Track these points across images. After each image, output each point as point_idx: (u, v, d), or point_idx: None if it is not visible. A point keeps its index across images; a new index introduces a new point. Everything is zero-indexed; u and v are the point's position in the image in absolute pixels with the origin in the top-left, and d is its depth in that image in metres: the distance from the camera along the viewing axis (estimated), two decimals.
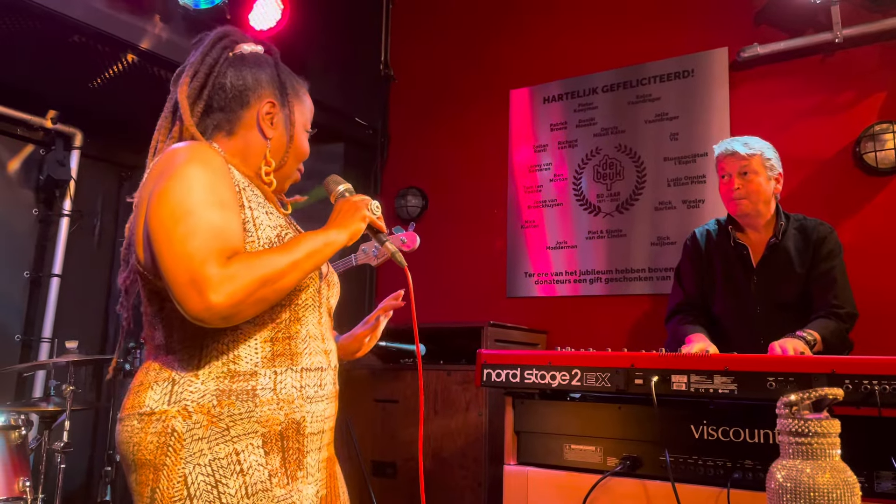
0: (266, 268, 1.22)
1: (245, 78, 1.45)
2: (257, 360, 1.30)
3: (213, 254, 1.19)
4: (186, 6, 3.16)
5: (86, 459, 3.65)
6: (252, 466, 1.25)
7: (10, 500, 2.28)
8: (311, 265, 1.31)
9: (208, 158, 1.31)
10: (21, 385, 3.49)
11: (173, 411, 1.25)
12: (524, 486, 2.13)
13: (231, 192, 1.31)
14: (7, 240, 3.52)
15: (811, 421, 1.09)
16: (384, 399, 3.44)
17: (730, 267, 2.59)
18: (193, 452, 1.23)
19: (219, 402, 1.25)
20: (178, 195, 1.24)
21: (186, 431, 1.24)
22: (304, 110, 1.55)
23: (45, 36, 2.94)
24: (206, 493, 1.22)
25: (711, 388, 1.84)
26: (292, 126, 1.49)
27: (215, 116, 1.45)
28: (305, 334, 1.38)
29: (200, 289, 1.16)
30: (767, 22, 3.39)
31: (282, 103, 1.49)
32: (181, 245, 1.19)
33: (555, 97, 3.96)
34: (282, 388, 1.31)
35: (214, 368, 1.28)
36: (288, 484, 1.29)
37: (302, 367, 1.35)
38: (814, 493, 1.03)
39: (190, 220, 1.21)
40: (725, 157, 2.54)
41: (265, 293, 1.22)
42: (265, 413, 1.28)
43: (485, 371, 2.19)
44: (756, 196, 2.49)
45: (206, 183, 1.26)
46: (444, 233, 4.14)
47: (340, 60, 4.13)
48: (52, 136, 3.62)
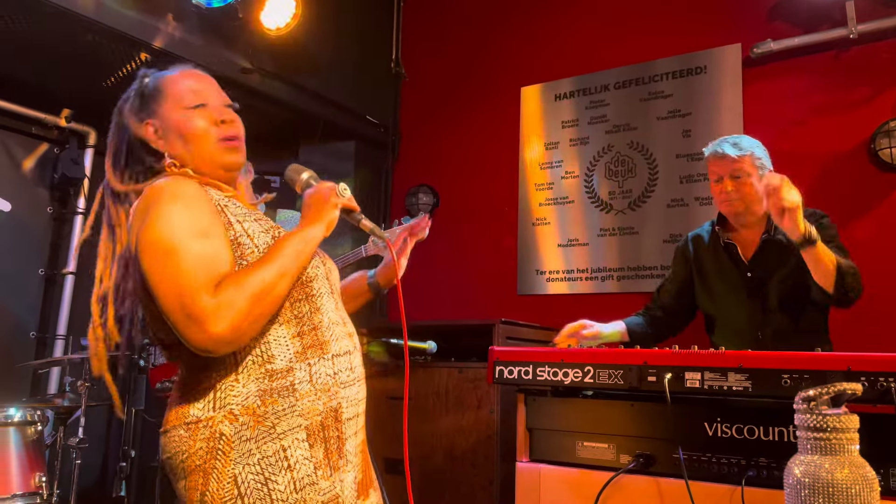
0: (256, 285, 1.25)
1: (127, 124, 1.47)
2: (290, 356, 1.34)
3: (202, 286, 1.22)
4: (199, 5, 3.18)
5: (100, 455, 3.68)
6: (298, 461, 1.28)
7: (27, 496, 2.30)
8: (297, 267, 1.34)
9: (182, 190, 1.32)
10: (36, 382, 3.52)
11: (220, 416, 1.28)
12: (536, 483, 2.12)
13: (211, 217, 1.33)
14: (22, 238, 3.55)
15: (830, 416, 1.09)
16: (396, 397, 3.44)
17: (722, 267, 2.58)
18: (242, 453, 1.26)
19: (262, 401, 1.29)
20: (160, 234, 1.27)
21: (234, 434, 1.27)
22: (172, 94, 1.47)
23: (60, 35, 2.96)
24: (257, 491, 1.25)
25: (725, 386, 1.82)
26: (167, 119, 1.45)
27: (140, 169, 1.46)
28: (328, 321, 1.41)
29: (199, 322, 1.20)
30: (781, 18, 3.37)
31: (155, 115, 1.46)
32: (171, 284, 1.23)
33: (566, 94, 3.95)
34: (317, 378, 1.35)
35: (252, 371, 1.32)
36: (331, 475, 1.33)
37: (333, 353, 1.39)
38: (832, 489, 1.02)
39: (175, 258, 1.25)
40: (716, 161, 2.50)
41: (262, 309, 1.27)
42: (306, 405, 1.32)
43: (497, 368, 2.18)
44: (750, 197, 2.46)
45: (185, 216, 1.29)
46: (454, 230, 4.14)
47: (352, 59, 4.14)
48: (66, 135, 3.66)
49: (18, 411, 2.39)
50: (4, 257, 3.46)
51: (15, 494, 2.26)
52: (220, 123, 1.47)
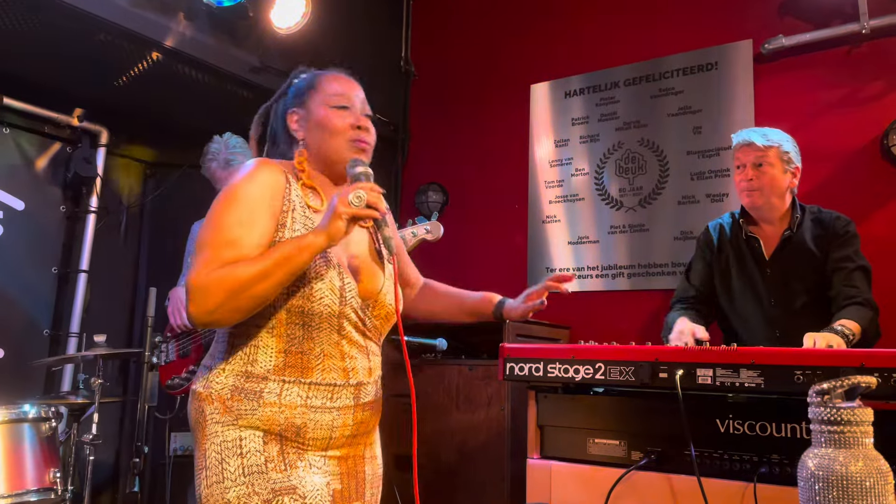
0: (233, 281, 1.34)
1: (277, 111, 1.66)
2: (270, 367, 1.45)
3: (207, 265, 1.36)
4: (210, 4, 3.19)
5: (113, 452, 3.71)
6: (251, 451, 1.41)
7: (42, 491, 2.32)
8: (284, 273, 1.37)
9: (261, 177, 1.47)
10: (50, 379, 3.55)
11: (204, 395, 1.47)
12: (547, 479, 2.12)
13: (267, 212, 1.45)
14: (35, 236, 3.58)
15: (844, 409, 1.08)
16: (403, 394, 3.44)
17: (742, 260, 2.55)
18: (212, 432, 1.43)
19: (231, 396, 1.44)
20: (217, 208, 1.44)
21: (209, 414, 1.44)
22: (322, 90, 1.61)
23: (72, 35, 2.98)
24: (214, 467, 1.41)
25: (737, 382, 1.82)
26: (313, 113, 1.59)
27: (282, 148, 1.63)
28: (320, 352, 1.47)
29: (187, 297, 1.37)
30: (792, 13, 3.35)
31: (301, 105, 1.61)
32: (197, 253, 1.41)
33: (576, 91, 3.94)
34: (287, 396, 1.44)
35: (237, 366, 1.46)
36: (286, 470, 1.41)
37: (311, 381, 1.46)
38: (846, 482, 1.01)
39: (210, 233, 1.41)
40: (742, 147, 2.48)
41: (238, 303, 1.35)
42: (266, 413, 1.42)
43: (507, 365, 2.18)
44: (769, 189, 2.44)
45: (243, 201, 1.43)
46: (464, 228, 4.14)
47: (361, 57, 4.14)
48: (78, 134, 3.68)
49: (33, 408, 2.41)
50: (18, 256, 3.49)
51: (29, 490, 2.28)
52: (356, 128, 1.59)
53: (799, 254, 2.46)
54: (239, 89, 3.49)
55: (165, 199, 4.05)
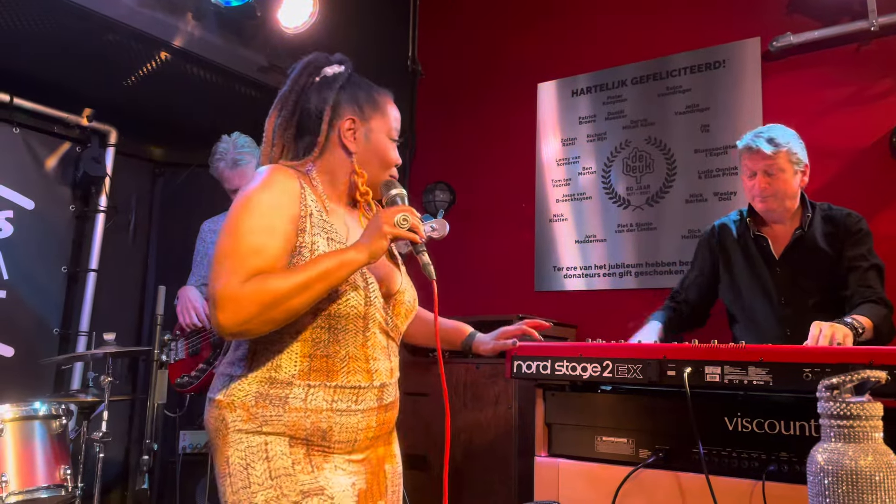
0: (271, 293, 1.33)
1: (326, 101, 1.57)
2: (294, 373, 1.44)
3: (235, 274, 1.34)
4: (218, 4, 3.20)
5: (122, 450, 3.74)
6: (277, 455, 1.41)
7: (52, 488, 2.34)
8: (323, 287, 1.38)
9: (277, 184, 1.45)
10: (59, 377, 3.57)
11: (225, 402, 1.45)
12: (555, 477, 2.12)
13: (286, 218, 1.43)
14: (45, 236, 3.60)
15: (853, 404, 1.08)
16: (414, 392, 3.45)
17: (751, 259, 2.54)
18: (235, 439, 1.42)
19: (256, 402, 1.43)
20: (235, 216, 1.42)
21: (231, 422, 1.43)
22: (387, 120, 1.62)
23: (81, 35, 3.00)
24: (239, 472, 1.40)
25: (746, 380, 1.81)
26: (374, 136, 1.58)
27: (306, 139, 1.59)
28: (345, 355, 1.47)
29: (214, 305, 1.34)
30: (801, 11, 3.33)
31: (362, 118, 1.58)
32: (218, 263, 1.38)
33: (583, 90, 3.94)
34: (312, 400, 1.44)
35: (260, 373, 1.45)
36: (313, 472, 1.42)
37: (336, 384, 1.46)
38: (856, 476, 1.01)
39: (232, 241, 1.39)
40: (750, 155, 2.44)
41: (272, 315, 1.34)
42: (292, 419, 1.42)
43: (515, 363, 2.18)
44: (783, 193, 2.42)
45: (263, 208, 1.42)
46: (471, 227, 4.14)
47: (368, 56, 4.13)
48: (87, 134, 3.71)
49: (43, 405, 2.43)
50: (28, 255, 3.52)
51: (40, 486, 2.31)
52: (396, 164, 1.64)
53: (810, 252, 2.44)
54: (247, 89, 3.51)
55: (174, 198, 4.07)
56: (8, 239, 3.45)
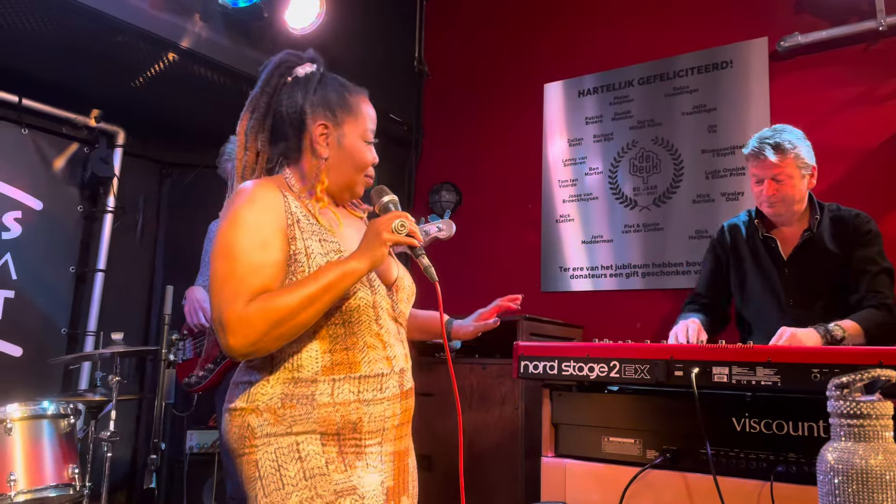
0: (278, 311, 1.35)
1: (297, 104, 1.56)
2: (317, 369, 1.45)
3: (238, 297, 1.36)
4: (225, 5, 3.21)
5: (130, 449, 3.75)
6: (310, 454, 1.40)
7: (61, 487, 2.35)
8: (328, 298, 1.40)
9: (259, 199, 1.45)
10: (67, 377, 3.59)
11: (249, 409, 1.44)
12: (562, 478, 2.12)
13: (276, 231, 1.45)
14: (54, 236, 3.61)
15: (863, 403, 1.08)
16: (420, 393, 3.45)
17: (760, 260, 2.53)
18: (264, 441, 1.42)
19: (283, 404, 1.42)
20: (226, 238, 1.42)
21: (258, 427, 1.42)
22: (361, 121, 1.61)
23: (90, 36, 3.01)
24: (271, 475, 1.40)
25: (753, 380, 1.81)
26: (347, 141, 1.57)
27: (280, 146, 1.59)
28: (363, 345, 1.49)
29: (222, 329, 1.36)
30: (808, 10, 3.32)
31: (334, 123, 1.57)
32: (219, 287, 1.39)
33: (590, 91, 3.94)
34: (339, 394, 1.44)
35: (282, 375, 1.45)
36: (346, 471, 1.42)
37: (360, 374, 1.47)
38: (866, 475, 1.01)
39: (229, 264, 1.39)
40: (758, 163, 2.42)
41: (282, 331, 1.37)
42: (322, 414, 1.42)
43: (522, 363, 2.19)
44: (791, 198, 2.42)
45: (252, 226, 1.42)
46: (478, 228, 4.15)
47: (375, 57, 4.16)
48: (95, 135, 3.71)
49: (52, 404, 2.44)
50: (36, 255, 3.53)
51: (48, 485, 2.32)
52: (372, 164, 1.63)
53: (819, 254, 2.44)
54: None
55: (181, 199, 4.08)
56: (16, 239, 3.47)
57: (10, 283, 3.42)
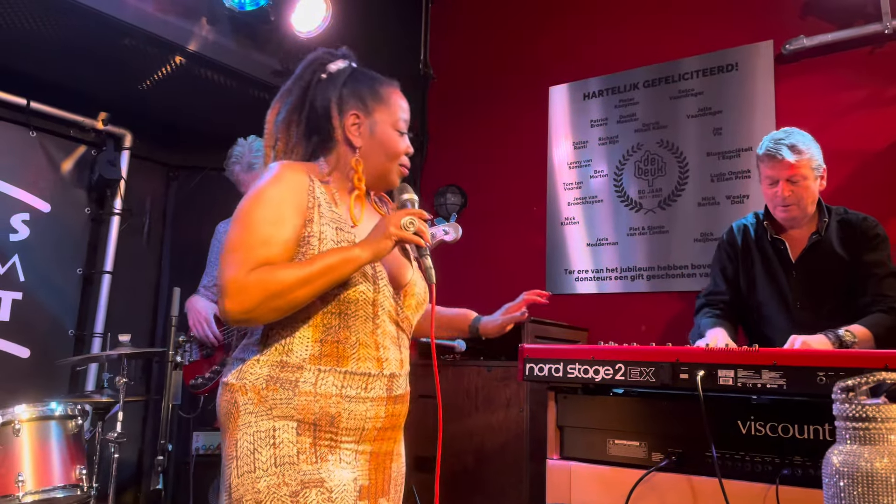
0: (276, 284, 1.39)
1: (331, 98, 1.59)
2: (305, 357, 1.47)
3: (243, 265, 1.40)
4: (232, 8, 3.23)
5: (136, 451, 3.76)
6: (283, 442, 1.43)
7: (68, 488, 2.37)
8: (326, 281, 1.43)
9: (285, 178, 1.50)
10: (74, 379, 3.60)
11: (237, 386, 1.48)
12: (567, 480, 2.12)
13: (294, 210, 1.48)
14: (61, 238, 3.64)
15: (869, 406, 1.08)
16: (425, 395, 3.45)
17: (768, 262, 2.54)
18: (245, 422, 1.45)
19: (267, 385, 1.45)
20: (245, 209, 1.47)
21: (242, 405, 1.46)
22: (392, 111, 1.63)
23: (98, 39, 3.03)
24: (246, 456, 1.43)
25: (759, 383, 1.81)
26: (379, 129, 1.60)
27: (314, 139, 1.62)
28: (355, 341, 1.50)
29: (222, 293, 1.40)
30: (814, 13, 3.32)
31: (365, 112, 1.60)
32: (227, 252, 1.44)
33: (595, 93, 3.94)
34: (322, 385, 1.46)
35: (271, 356, 1.48)
36: (316, 462, 1.43)
37: (347, 370, 1.48)
38: (871, 478, 1.01)
39: (241, 233, 1.44)
40: (773, 164, 2.41)
41: (277, 304, 1.40)
42: (302, 402, 1.44)
43: (527, 365, 2.19)
44: (805, 200, 2.42)
45: (272, 201, 1.46)
46: (483, 230, 4.15)
47: (380, 60, 4.13)
48: (103, 137, 3.74)
49: (59, 405, 2.45)
50: (44, 257, 3.55)
51: (56, 486, 2.33)
52: (406, 154, 1.65)
53: (827, 257, 2.44)
54: (260, 92, 3.53)
55: (188, 201, 4.10)
56: (24, 241, 3.49)
57: (18, 284, 3.45)
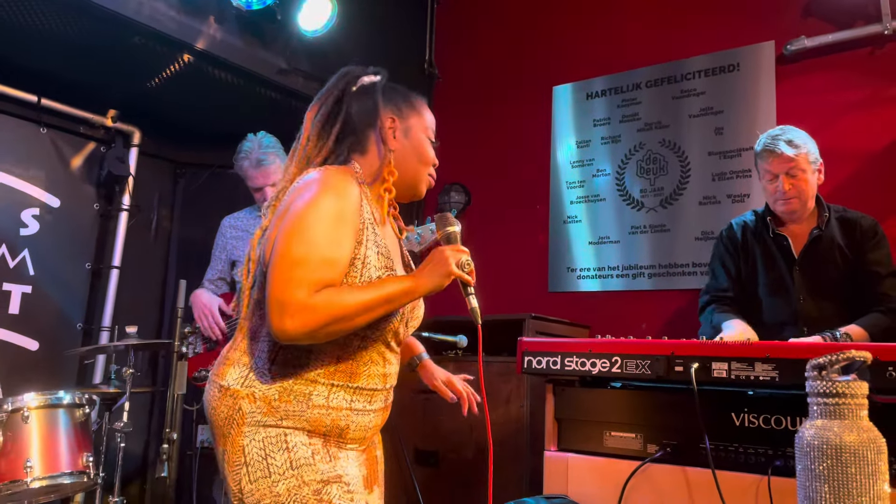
0: (342, 308, 1.38)
1: (367, 105, 1.63)
2: (320, 371, 1.48)
3: (308, 284, 1.36)
4: (240, 7, 3.28)
5: (142, 442, 3.81)
6: (297, 445, 1.44)
7: (75, 474, 2.41)
8: (385, 309, 1.45)
9: (346, 191, 1.47)
10: (82, 371, 3.65)
11: (243, 393, 1.46)
12: (564, 471, 2.16)
13: (352, 231, 1.47)
14: (71, 233, 3.69)
15: (839, 382, 1.11)
16: (426, 390, 3.48)
17: (770, 258, 2.56)
18: (252, 429, 1.44)
19: (279, 396, 1.45)
20: (307, 222, 1.42)
21: (249, 413, 1.45)
22: (423, 119, 1.69)
23: (108, 37, 3.08)
24: (258, 463, 1.42)
25: (752, 376, 1.84)
26: (413, 133, 1.65)
27: (348, 140, 1.62)
28: (368, 359, 1.54)
29: (283, 311, 1.35)
30: (815, 14, 3.34)
31: (400, 117, 1.64)
32: (287, 267, 1.38)
33: (598, 93, 3.97)
34: (333, 399, 1.48)
35: (285, 368, 1.47)
36: (331, 461, 1.47)
37: (357, 386, 1.52)
38: (840, 451, 1.04)
39: (304, 248, 1.39)
40: (772, 159, 2.46)
41: (337, 328, 1.40)
42: (314, 415, 1.46)
43: (525, 358, 2.23)
44: (805, 194, 2.46)
45: (335, 219, 1.44)
46: (486, 228, 4.18)
47: (386, 60, 4.16)
48: (112, 135, 3.79)
49: (67, 394, 2.50)
50: (54, 252, 3.60)
51: (63, 472, 2.38)
52: (434, 164, 1.72)
53: (828, 251, 2.47)
54: (266, 91, 3.57)
55: (194, 198, 4.15)
56: (34, 236, 3.54)
57: (28, 278, 3.50)
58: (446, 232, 1.63)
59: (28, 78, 3.43)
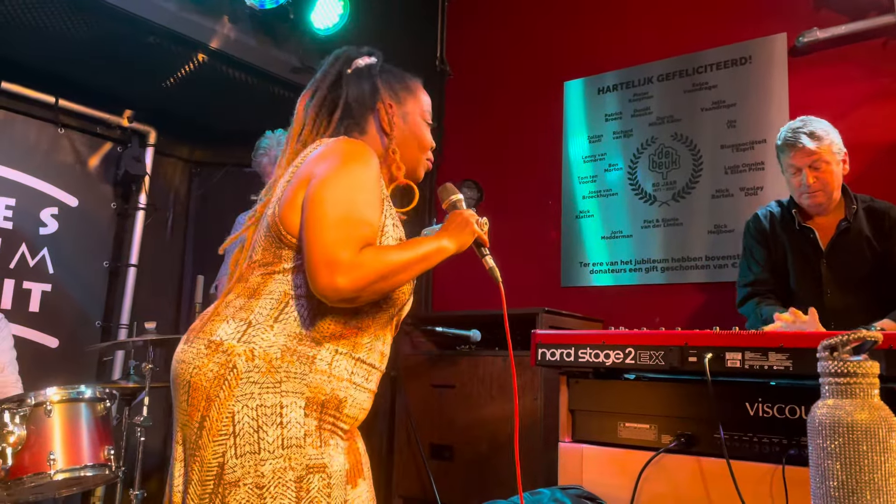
0: (387, 265, 1.36)
1: (364, 88, 1.63)
2: (326, 335, 1.42)
3: (352, 242, 1.33)
4: (253, 6, 3.31)
5: (161, 438, 3.86)
6: (291, 422, 1.34)
7: (97, 467, 2.45)
8: (421, 268, 1.44)
9: (371, 159, 1.47)
10: (101, 368, 3.71)
11: (240, 349, 1.36)
12: (579, 462, 2.17)
13: (380, 198, 1.48)
14: (88, 232, 3.75)
15: (850, 362, 1.12)
16: (441, 384, 3.51)
17: (797, 250, 2.53)
18: (245, 393, 1.34)
19: (282, 355, 1.36)
20: (343, 187, 1.39)
21: (245, 371, 1.34)
22: (420, 103, 1.70)
23: (124, 38, 3.12)
24: (249, 436, 1.32)
25: (766, 365, 1.84)
26: (410, 118, 1.65)
27: (346, 122, 1.62)
28: (372, 334, 1.50)
29: (332, 270, 1.30)
30: (827, 6, 3.33)
31: (397, 101, 1.65)
32: (329, 227, 1.34)
33: (610, 87, 3.97)
34: (336, 367, 1.42)
35: (289, 326, 1.40)
36: (321, 447, 1.38)
37: (359, 357, 1.47)
38: (852, 429, 1.05)
39: (342, 209, 1.36)
40: (794, 154, 2.43)
41: (382, 285, 1.37)
42: (315, 380, 1.38)
43: (539, 350, 2.23)
44: (830, 186, 2.42)
45: (368, 183, 1.44)
46: (498, 224, 4.15)
47: (398, 57, 4.18)
48: (128, 134, 3.85)
49: (88, 389, 2.55)
50: (72, 250, 3.66)
51: (86, 465, 2.42)
52: (432, 147, 1.72)
53: (856, 244, 2.43)
54: (280, 89, 3.61)
55: (210, 196, 4.19)
56: (53, 235, 3.60)
57: (47, 276, 3.56)
58: (451, 201, 1.65)
59: (45, 79, 3.48)
